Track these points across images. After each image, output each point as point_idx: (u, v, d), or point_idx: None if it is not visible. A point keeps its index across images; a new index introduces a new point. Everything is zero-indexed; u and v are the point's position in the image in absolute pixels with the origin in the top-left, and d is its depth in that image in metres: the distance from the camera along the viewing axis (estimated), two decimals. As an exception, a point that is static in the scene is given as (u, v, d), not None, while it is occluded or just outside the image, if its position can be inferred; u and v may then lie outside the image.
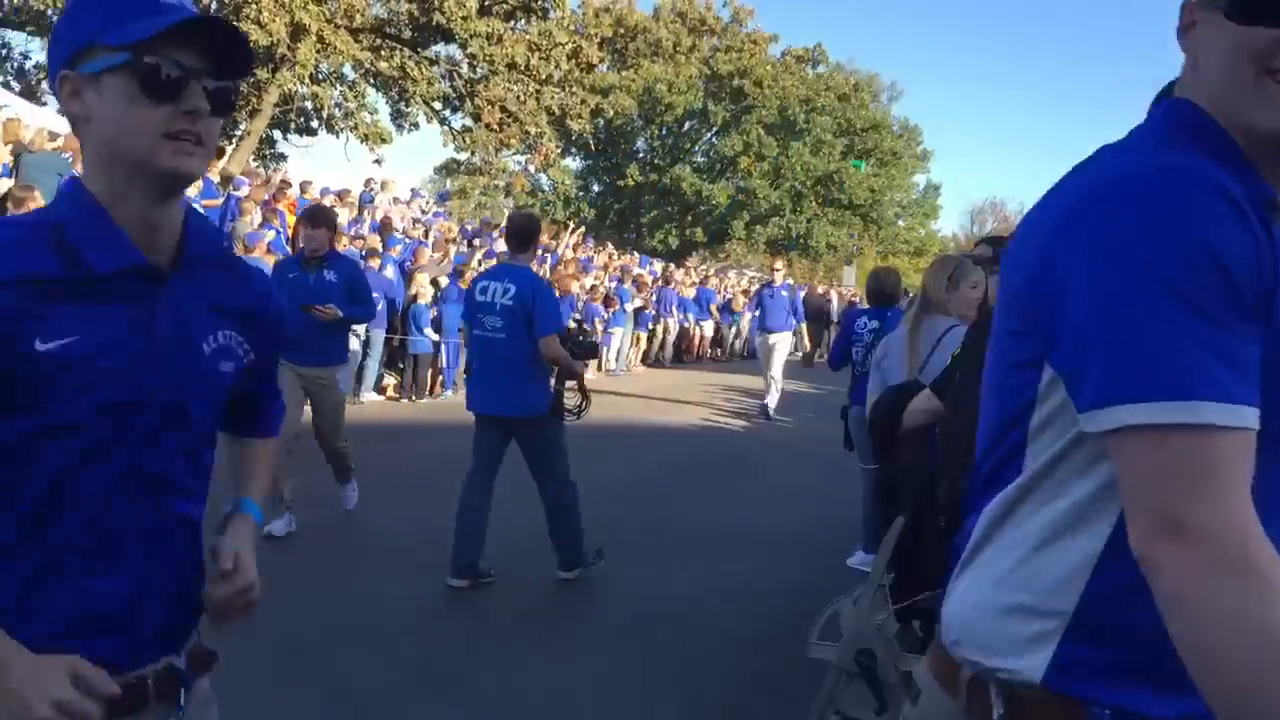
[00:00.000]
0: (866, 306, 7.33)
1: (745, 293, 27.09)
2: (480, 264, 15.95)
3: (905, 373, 4.33)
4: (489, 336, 5.83)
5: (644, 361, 21.94)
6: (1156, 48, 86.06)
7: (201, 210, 12.26)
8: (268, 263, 11.30)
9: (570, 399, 6.07)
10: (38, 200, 9.38)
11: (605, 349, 20.21)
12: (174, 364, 1.52)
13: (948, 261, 4.70)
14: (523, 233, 6.00)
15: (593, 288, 19.56)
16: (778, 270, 14.69)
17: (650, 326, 22.10)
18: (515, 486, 6.23)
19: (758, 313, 15.10)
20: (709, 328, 24.74)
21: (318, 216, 6.79)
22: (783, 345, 14.06)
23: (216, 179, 14.68)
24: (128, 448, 1.47)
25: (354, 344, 12.49)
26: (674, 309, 23.15)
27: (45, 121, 15.06)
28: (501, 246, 18.72)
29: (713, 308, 24.91)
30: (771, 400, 14.20)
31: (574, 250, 21.92)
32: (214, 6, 22.91)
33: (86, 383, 1.42)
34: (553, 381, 5.90)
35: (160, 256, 1.51)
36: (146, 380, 1.48)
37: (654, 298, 22.47)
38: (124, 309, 1.47)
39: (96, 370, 1.43)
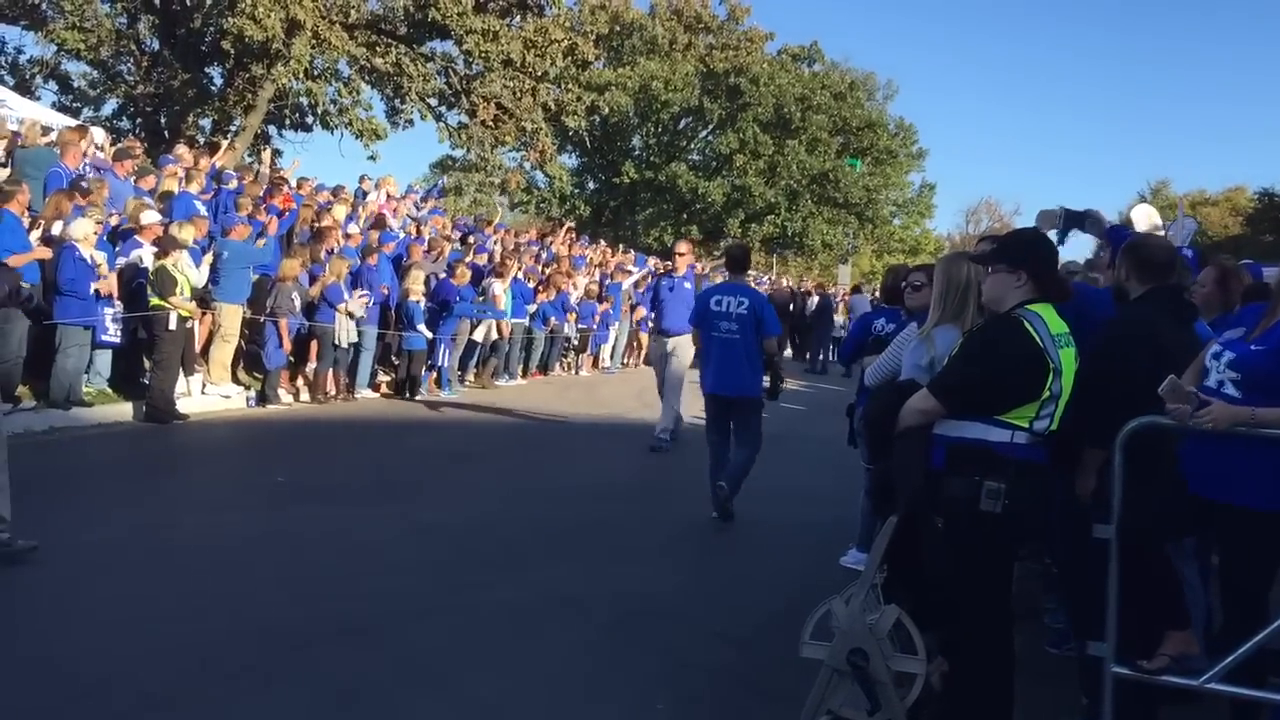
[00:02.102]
0: (884, 305, 7.17)
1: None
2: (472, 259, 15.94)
3: None
4: (724, 338, 7.46)
5: (646, 362, 21.80)
6: (1151, 46, 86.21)
7: (200, 204, 12.30)
8: (241, 241, 11.37)
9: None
10: (25, 194, 9.32)
11: (601, 345, 20.18)
12: None
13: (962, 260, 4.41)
14: (740, 260, 8.06)
15: (587, 287, 19.51)
16: (681, 255, 11.14)
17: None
18: (514, 489, 6.21)
19: (652, 311, 12.36)
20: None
21: None
22: (684, 353, 10.48)
23: (214, 171, 14.62)
24: None
25: (350, 337, 12.47)
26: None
27: (38, 116, 15.03)
28: (495, 245, 18.69)
29: None
30: (666, 424, 10.66)
31: (568, 248, 21.87)
32: (208, 1, 22.89)
33: None
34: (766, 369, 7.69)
35: None
36: None
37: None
38: None
39: None
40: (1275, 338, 3.48)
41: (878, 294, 17.00)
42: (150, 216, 10.92)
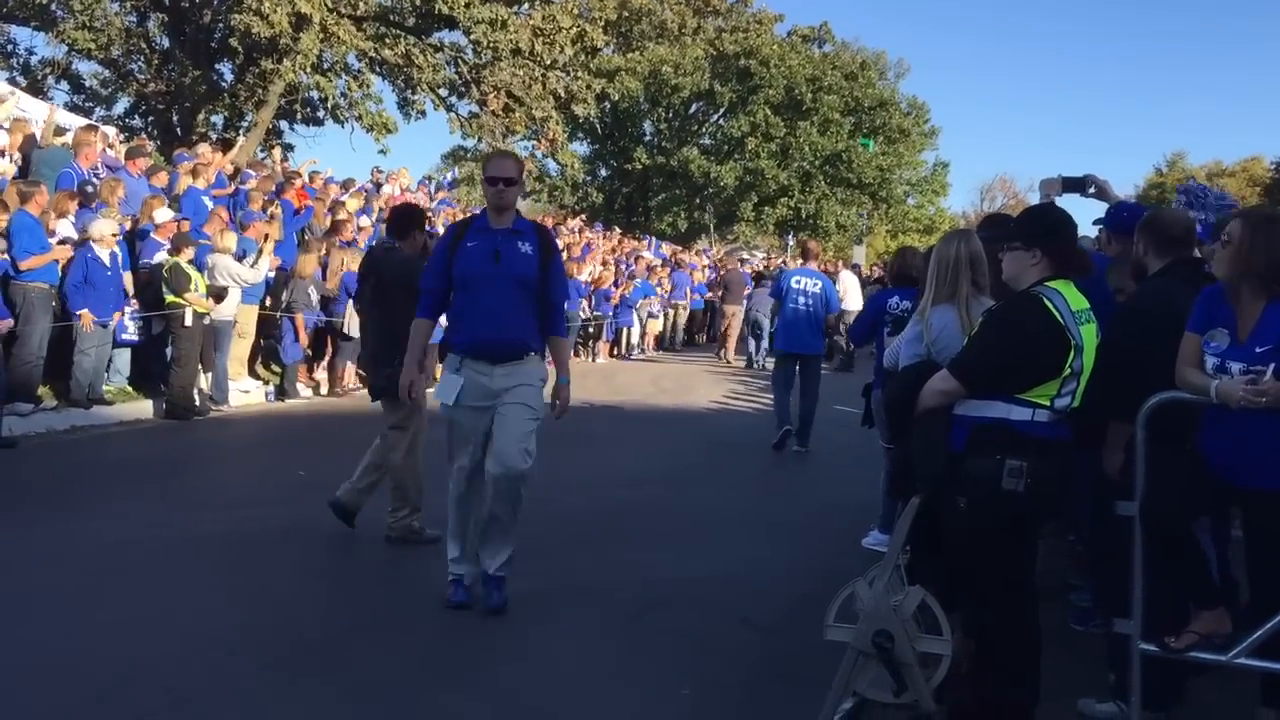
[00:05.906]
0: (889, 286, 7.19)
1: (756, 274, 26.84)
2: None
3: None
4: (799, 309, 9.70)
5: (657, 344, 21.94)
6: (1164, 16, 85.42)
7: (210, 201, 12.31)
8: (257, 240, 11.41)
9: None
10: (43, 194, 9.36)
11: (628, 329, 20.19)
12: None
13: (965, 235, 4.45)
14: (810, 251, 11.00)
15: (600, 275, 19.51)
16: (499, 208, 5.07)
17: (668, 307, 22.15)
18: (534, 478, 6.18)
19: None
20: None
21: None
22: (525, 388, 5.45)
23: (228, 170, 14.67)
24: None
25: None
26: (688, 292, 23.10)
27: (52, 116, 15.04)
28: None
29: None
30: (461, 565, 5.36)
31: (579, 234, 21.90)
32: (216, -1, 22.90)
33: None
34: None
35: None
36: None
37: (670, 281, 22.51)
38: None
39: None
40: (1271, 334, 3.37)
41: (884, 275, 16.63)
42: (164, 214, 10.96)
